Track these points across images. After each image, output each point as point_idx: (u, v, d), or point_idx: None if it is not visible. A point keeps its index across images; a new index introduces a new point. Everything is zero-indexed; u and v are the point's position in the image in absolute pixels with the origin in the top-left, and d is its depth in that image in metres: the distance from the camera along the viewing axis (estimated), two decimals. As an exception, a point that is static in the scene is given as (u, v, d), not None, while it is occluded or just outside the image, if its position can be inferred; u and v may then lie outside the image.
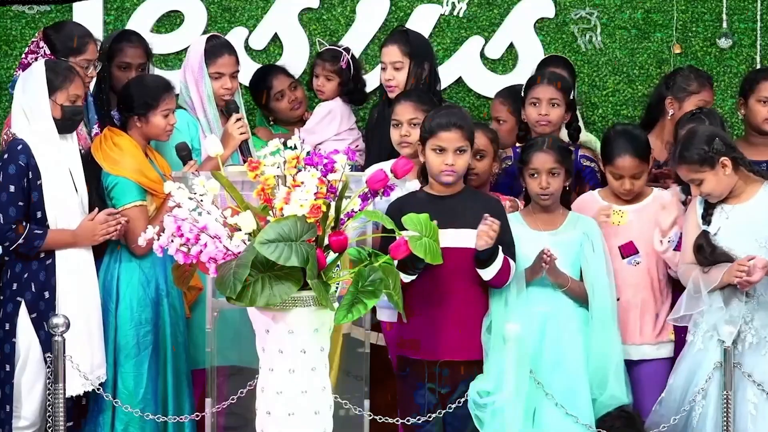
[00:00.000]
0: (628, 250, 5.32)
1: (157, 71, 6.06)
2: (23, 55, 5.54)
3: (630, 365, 5.30)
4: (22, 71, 5.34)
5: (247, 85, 6.34)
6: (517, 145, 5.70)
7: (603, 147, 5.35)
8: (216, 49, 5.72)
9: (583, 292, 5.14)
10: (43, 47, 5.42)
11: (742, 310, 5.02)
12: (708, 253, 5.04)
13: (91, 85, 5.65)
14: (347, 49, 6.14)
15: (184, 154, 5.42)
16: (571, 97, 5.69)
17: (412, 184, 5.16)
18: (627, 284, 5.29)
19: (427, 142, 5.01)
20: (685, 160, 5.02)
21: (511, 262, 5.00)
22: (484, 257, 4.92)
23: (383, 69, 5.80)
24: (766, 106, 5.70)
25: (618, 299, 5.25)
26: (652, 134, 5.80)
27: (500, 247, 4.94)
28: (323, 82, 6.12)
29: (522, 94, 5.72)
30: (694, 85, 5.76)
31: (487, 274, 4.96)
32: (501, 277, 4.97)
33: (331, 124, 6.02)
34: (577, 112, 5.94)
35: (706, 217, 5.09)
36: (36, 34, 5.59)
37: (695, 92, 5.75)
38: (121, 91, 5.54)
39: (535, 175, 5.12)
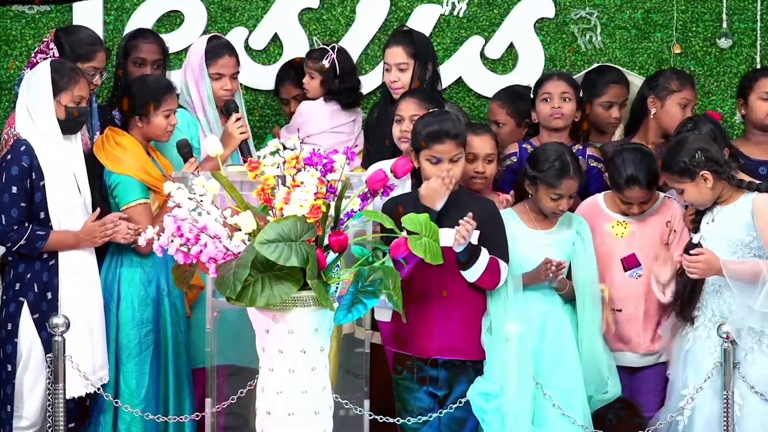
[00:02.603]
0: (630, 263, 5.34)
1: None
2: (33, 54, 5.54)
3: (631, 370, 5.37)
4: (30, 70, 5.34)
5: (247, 84, 6.38)
6: (526, 147, 5.70)
7: (611, 173, 5.33)
8: (217, 49, 5.72)
9: (573, 292, 5.16)
10: (53, 49, 5.42)
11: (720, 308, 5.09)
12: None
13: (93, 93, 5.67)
14: (335, 48, 6.04)
15: (185, 150, 5.42)
16: (580, 95, 5.70)
17: (406, 186, 5.13)
18: (629, 297, 5.32)
19: (421, 152, 5.00)
20: (667, 170, 5.08)
21: (502, 263, 4.99)
22: (463, 258, 4.91)
23: (387, 70, 5.79)
24: (767, 102, 5.72)
25: (620, 310, 5.30)
26: (638, 135, 5.84)
27: (482, 249, 4.94)
28: (308, 79, 6.09)
29: (531, 95, 5.74)
30: (676, 83, 5.78)
31: (470, 275, 4.96)
32: (490, 278, 4.97)
33: (305, 126, 5.95)
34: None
35: (694, 222, 5.16)
36: (48, 35, 5.59)
37: (676, 90, 5.77)
38: (122, 91, 5.56)
39: (558, 198, 5.13)
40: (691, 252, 4.99)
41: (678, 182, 5.06)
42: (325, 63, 5.96)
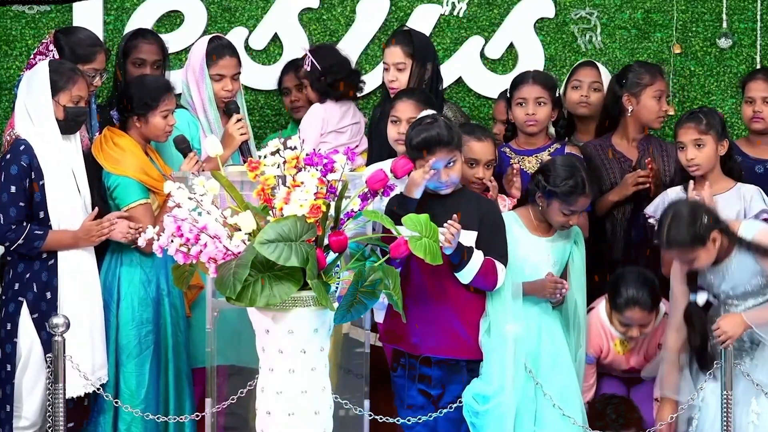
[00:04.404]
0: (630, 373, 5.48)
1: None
2: (32, 56, 5.54)
3: (629, 384, 5.54)
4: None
5: (247, 84, 6.38)
6: (505, 150, 5.69)
7: (611, 292, 5.33)
8: (217, 50, 5.71)
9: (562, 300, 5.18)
10: (52, 50, 5.42)
11: None
12: (698, 326, 5.06)
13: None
14: (311, 50, 5.99)
15: (183, 146, 5.42)
16: (557, 95, 5.69)
17: (401, 187, 5.10)
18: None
19: (416, 162, 4.94)
20: (677, 245, 4.94)
21: (499, 264, 4.96)
22: (454, 260, 4.90)
23: (386, 70, 5.79)
24: (751, 106, 5.76)
25: None
26: (617, 134, 5.83)
27: (475, 250, 4.92)
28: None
29: (508, 95, 5.72)
30: (647, 77, 5.77)
31: (463, 277, 4.94)
32: (485, 279, 4.94)
33: (306, 131, 5.95)
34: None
35: (691, 283, 5.07)
36: (47, 36, 5.59)
37: (649, 84, 5.75)
38: (121, 91, 5.56)
39: (570, 214, 5.10)
40: (714, 329, 4.94)
41: (691, 253, 4.92)
42: (306, 67, 5.96)
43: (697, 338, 5.03)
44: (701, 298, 5.04)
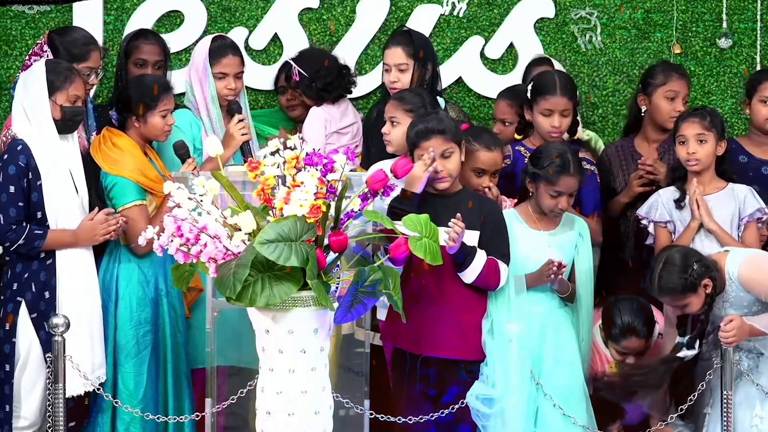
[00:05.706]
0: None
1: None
2: (27, 57, 5.55)
3: None
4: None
5: (247, 84, 6.37)
6: (517, 137, 5.68)
7: (605, 323, 5.32)
8: (220, 49, 5.72)
9: (574, 294, 5.16)
10: (47, 51, 5.43)
11: None
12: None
13: (92, 92, 5.67)
14: (294, 59, 6.03)
15: (182, 152, 5.42)
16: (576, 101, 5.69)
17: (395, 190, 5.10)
18: None
19: (414, 153, 4.99)
20: (668, 292, 4.95)
21: (502, 264, 4.97)
22: (458, 260, 4.90)
23: (387, 71, 5.79)
24: (767, 106, 5.72)
25: None
26: (639, 135, 5.83)
27: (478, 250, 4.93)
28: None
29: (528, 95, 5.66)
30: (660, 77, 5.76)
31: (466, 276, 4.94)
32: (488, 279, 4.95)
33: (310, 134, 5.94)
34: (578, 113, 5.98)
35: (681, 327, 5.06)
36: (41, 37, 5.59)
37: (660, 84, 5.74)
38: (119, 91, 5.56)
39: (557, 196, 5.10)
40: (724, 324, 4.92)
41: (683, 300, 4.94)
42: (295, 77, 5.97)
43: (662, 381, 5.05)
44: (690, 353, 5.01)
